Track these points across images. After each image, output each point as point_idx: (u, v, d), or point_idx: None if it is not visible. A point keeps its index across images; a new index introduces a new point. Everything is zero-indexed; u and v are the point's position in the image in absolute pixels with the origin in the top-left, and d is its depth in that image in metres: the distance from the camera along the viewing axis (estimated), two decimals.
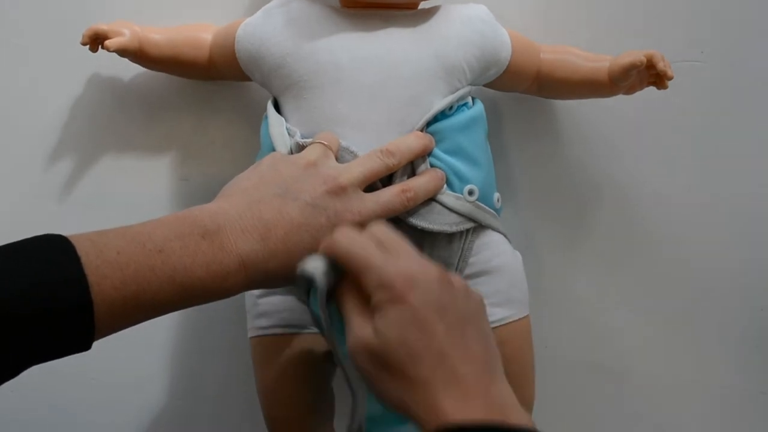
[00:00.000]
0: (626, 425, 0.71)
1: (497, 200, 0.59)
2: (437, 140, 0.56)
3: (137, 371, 0.69)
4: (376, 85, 0.55)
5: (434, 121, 0.56)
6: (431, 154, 0.56)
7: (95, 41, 0.61)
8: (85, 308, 0.42)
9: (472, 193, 0.56)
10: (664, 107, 0.67)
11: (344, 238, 0.46)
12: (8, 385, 0.67)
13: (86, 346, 0.44)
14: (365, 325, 0.43)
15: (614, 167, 0.70)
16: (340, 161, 0.54)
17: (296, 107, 0.57)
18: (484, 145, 0.59)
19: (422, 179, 0.55)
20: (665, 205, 0.70)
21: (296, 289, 0.48)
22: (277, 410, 0.59)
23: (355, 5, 0.59)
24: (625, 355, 0.70)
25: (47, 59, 0.67)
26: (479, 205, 0.57)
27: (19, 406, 0.67)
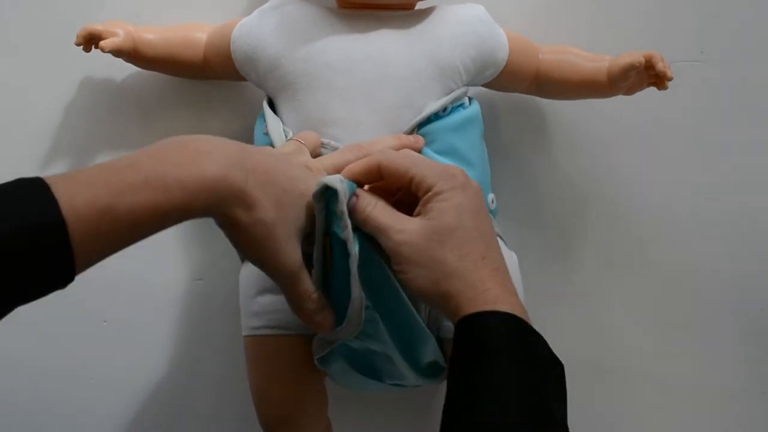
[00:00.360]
0: (626, 425, 0.71)
1: (492, 201, 0.59)
2: (429, 141, 0.56)
3: (137, 371, 0.69)
4: (368, 86, 0.55)
5: (427, 122, 0.56)
6: (423, 153, 0.55)
7: (89, 42, 0.61)
8: (57, 227, 0.38)
9: None
10: (664, 107, 0.67)
11: (382, 152, 0.50)
12: (8, 385, 0.67)
13: (69, 274, 0.40)
14: (407, 220, 0.48)
15: (613, 167, 0.70)
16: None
17: (291, 108, 0.57)
18: (478, 145, 0.59)
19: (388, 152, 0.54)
20: (664, 205, 0.70)
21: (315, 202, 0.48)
22: (270, 409, 0.58)
23: (351, 6, 0.59)
24: (623, 355, 0.70)
25: (41, 60, 0.68)
26: None
27: (19, 406, 0.68)
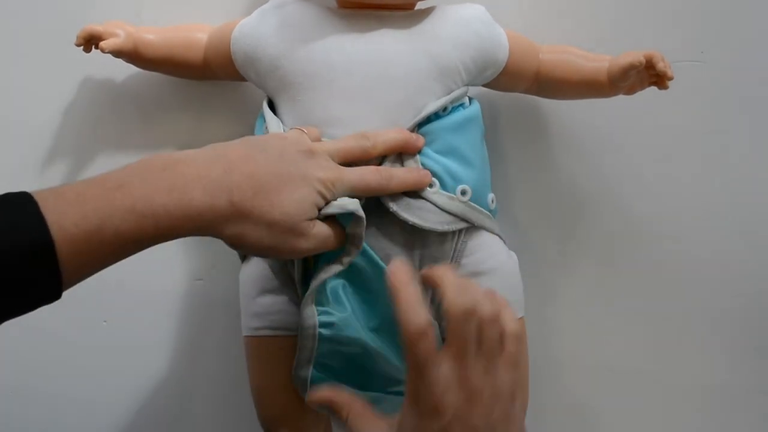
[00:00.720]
0: (625, 425, 0.71)
1: (491, 201, 0.59)
2: (429, 141, 0.56)
3: (137, 371, 0.69)
4: (368, 86, 0.55)
5: (427, 121, 0.56)
6: (422, 153, 0.56)
7: (89, 42, 0.62)
8: (46, 247, 0.40)
9: (464, 193, 0.56)
10: (664, 107, 0.67)
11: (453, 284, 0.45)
12: (8, 386, 0.67)
13: (56, 292, 0.42)
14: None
15: (613, 167, 0.70)
16: None
17: (291, 108, 0.57)
18: (479, 145, 0.59)
19: (402, 169, 0.55)
20: (664, 205, 0.70)
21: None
22: (270, 410, 0.59)
23: (351, 5, 0.59)
24: (623, 355, 0.70)
25: (42, 61, 0.68)
26: (472, 205, 0.57)
27: (19, 406, 0.68)
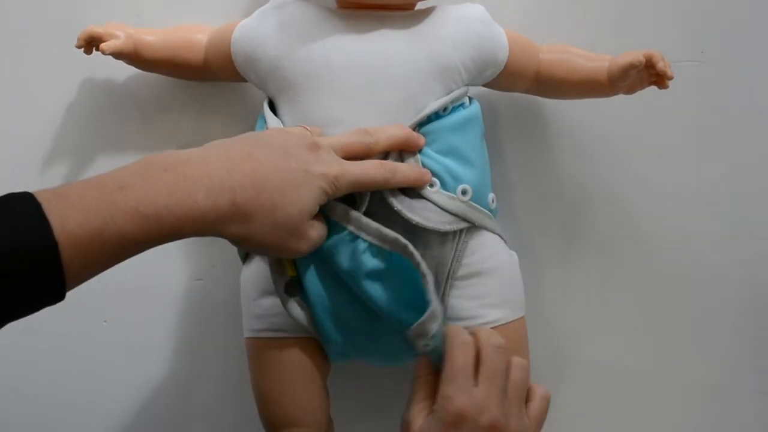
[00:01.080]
0: (625, 425, 0.71)
1: (492, 201, 0.59)
2: (430, 141, 0.56)
3: (137, 371, 0.69)
4: (369, 86, 0.55)
5: (427, 121, 0.56)
6: (423, 153, 0.56)
7: (90, 44, 0.62)
8: (50, 249, 0.40)
9: (465, 192, 0.56)
10: (664, 107, 0.67)
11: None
12: (8, 386, 0.67)
13: (59, 294, 0.42)
14: None
15: (613, 167, 0.70)
16: None
17: (291, 109, 0.57)
18: (479, 145, 0.59)
19: (405, 165, 0.55)
20: (664, 205, 0.70)
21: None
22: (273, 410, 0.59)
23: (351, 6, 0.59)
24: (623, 355, 0.70)
25: (42, 62, 0.68)
26: (473, 205, 0.57)
27: (18, 406, 0.68)
